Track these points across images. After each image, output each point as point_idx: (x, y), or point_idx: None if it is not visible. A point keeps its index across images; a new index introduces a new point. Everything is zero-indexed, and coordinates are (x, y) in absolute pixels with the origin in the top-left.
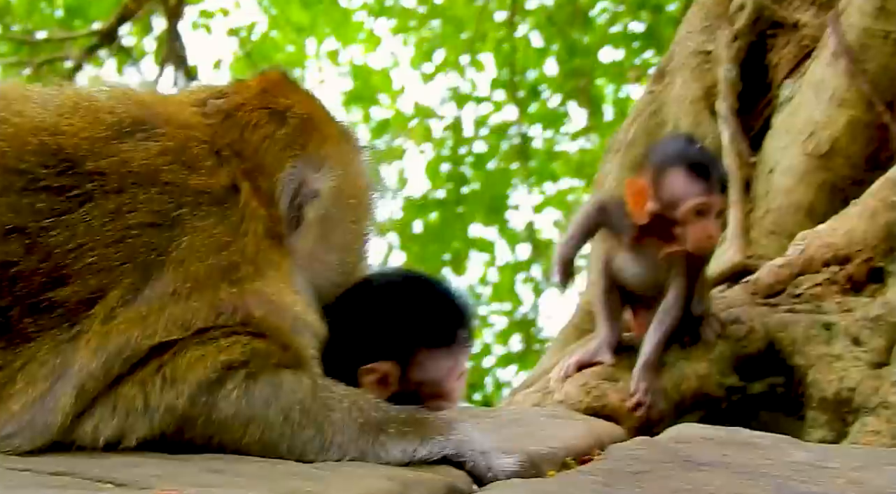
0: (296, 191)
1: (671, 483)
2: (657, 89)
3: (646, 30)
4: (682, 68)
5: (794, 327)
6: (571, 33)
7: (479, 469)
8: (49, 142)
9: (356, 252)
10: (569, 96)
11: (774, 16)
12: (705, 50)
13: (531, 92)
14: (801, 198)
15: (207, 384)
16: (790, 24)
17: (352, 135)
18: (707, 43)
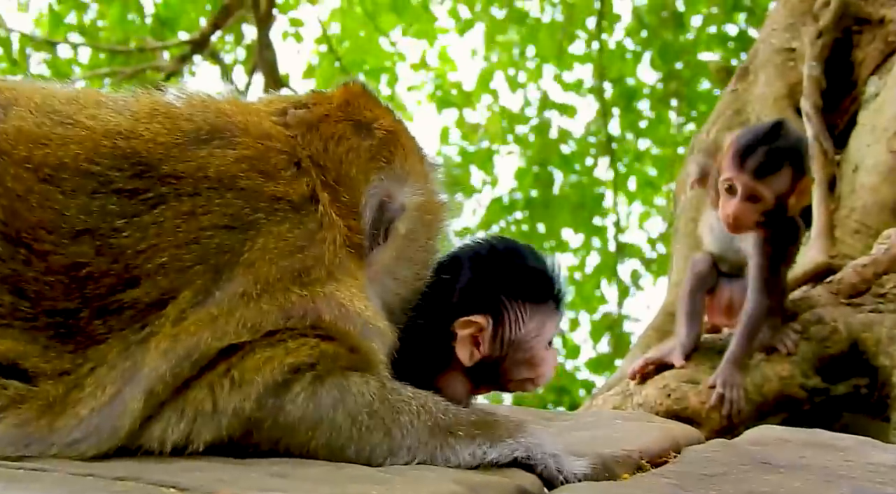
0: (381, 205)
1: (746, 485)
2: (741, 88)
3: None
4: (765, 66)
5: (879, 327)
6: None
7: (549, 473)
8: (123, 146)
9: (427, 268)
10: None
11: (860, 12)
12: (790, 47)
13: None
14: (887, 197)
15: (274, 386)
16: (876, 20)
17: (427, 153)
18: (791, 40)
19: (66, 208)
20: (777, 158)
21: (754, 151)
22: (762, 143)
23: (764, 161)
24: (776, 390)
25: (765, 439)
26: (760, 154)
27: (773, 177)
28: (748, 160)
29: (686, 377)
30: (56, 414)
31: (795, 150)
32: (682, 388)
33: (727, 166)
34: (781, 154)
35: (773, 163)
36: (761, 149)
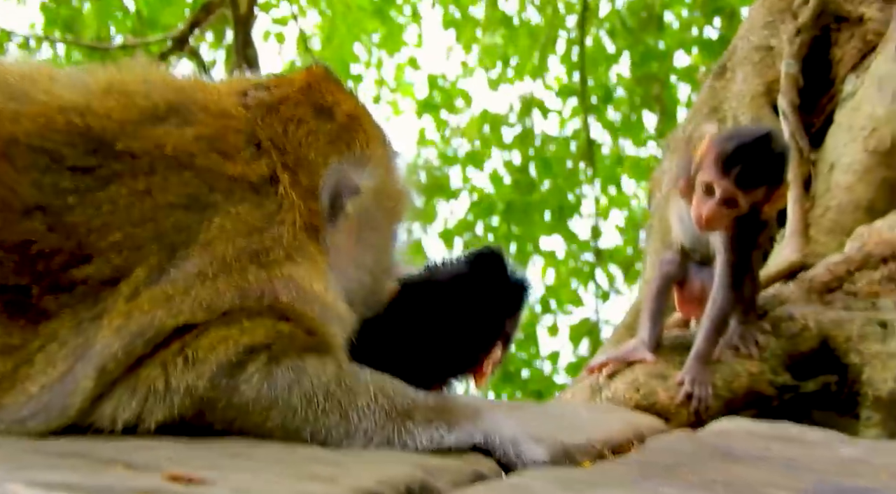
0: (337, 186)
1: (707, 475)
2: (718, 85)
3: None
4: (743, 63)
5: (849, 325)
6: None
7: (507, 457)
8: (77, 122)
9: (388, 256)
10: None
11: (838, 10)
12: (768, 45)
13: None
14: (862, 196)
15: (229, 366)
16: (854, 19)
17: (389, 139)
18: (770, 38)
19: (18, 184)
20: (761, 172)
21: (740, 161)
22: (750, 154)
23: (748, 173)
24: (745, 386)
25: (729, 431)
26: (746, 165)
27: (754, 189)
28: (732, 168)
29: (655, 372)
30: (4, 390)
31: (780, 165)
32: (651, 383)
33: (708, 168)
34: (766, 169)
35: (756, 176)
36: (748, 161)
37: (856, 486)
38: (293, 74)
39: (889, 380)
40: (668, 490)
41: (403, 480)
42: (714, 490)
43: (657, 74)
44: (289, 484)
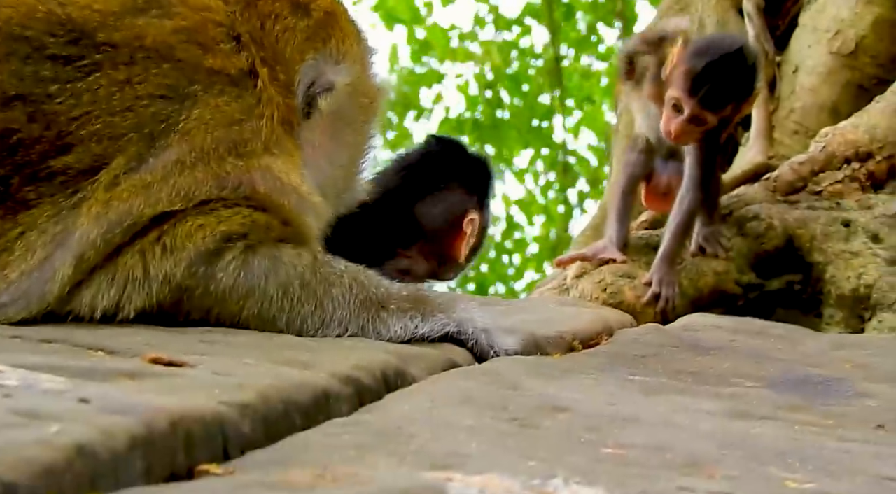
0: (312, 82)
1: (675, 364)
2: None
3: None
4: None
5: (813, 224)
6: None
7: (481, 347)
8: (58, 12)
9: (362, 155)
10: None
11: None
12: None
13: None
14: (826, 98)
15: (206, 254)
16: None
17: (366, 37)
18: None
19: None
20: (730, 92)
21: (708, 81)
22: (718, 74)
23: (717, 93)
24: (711, 285)
25: (697, 325)
26: (715, 85)
27: (723, 108)
28: (701, 88)
29: (622, 271)
30: None
31: (749, 81)
32: (618, 283)
33: (677, 84)
34: (735, 87)
35: (725, 95)
36: (716, 81)
37: (820, 374)
38: None
39: (852, 278)
40: (637, 377)
41: (379, 366)
42: (682, 380)
43: None
44: (267, 369)
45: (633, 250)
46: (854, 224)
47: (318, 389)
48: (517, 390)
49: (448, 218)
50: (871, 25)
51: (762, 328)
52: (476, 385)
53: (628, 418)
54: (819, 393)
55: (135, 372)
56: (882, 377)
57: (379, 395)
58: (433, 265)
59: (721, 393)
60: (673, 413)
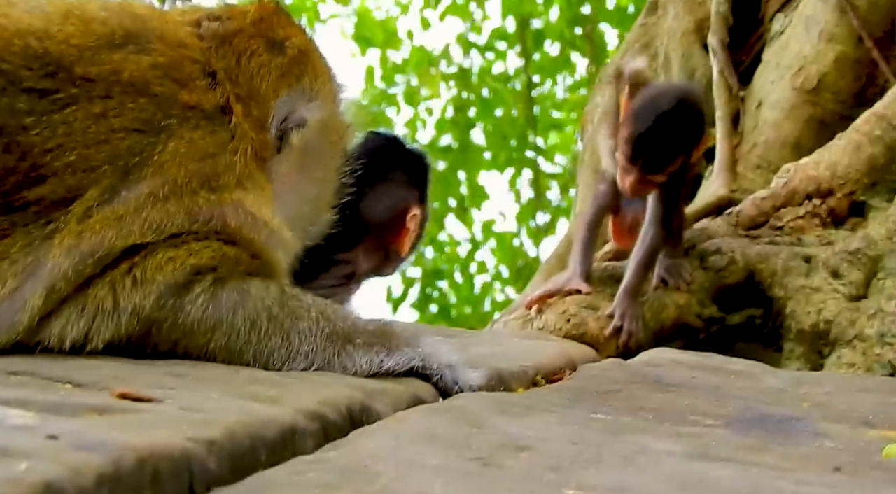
0: (285, 119)
1: (638, 401)
2: (650, 21)
3: None
4: (674, 1)
5: (775, 259)
6: None
7: (445, 382)
8: (35, 46)
9: (330, 190)
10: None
11: None
12: None
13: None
14: (789, 133)
15: (175, 286)
16: None
17: (336, 73)
18: None
19: None
20: (673, 151)
21: (646, 149)
22: (656, 139)
23: (657, 158)
24: (673, 318)
25: (658, 360)
26: (653, 152)
27: (668, 166)
28: (640, 156)
29: (585, 303)
30: None
31: (696, 130)
32: (582, 314)
33: (621, 148)
34: (678, 145)
35: (667, 157)
36: (655, 147)
37: (779, 413)
38: (245, 6)
39: (812, 314)
40: (600, 415)
41: (344, 401)
42: (644, 418)
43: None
44: (234, 404)
45: (597, 281)
46: (815, 260)
47: (285, 425)
48: (481, 428)
49: (392, 213)
50: (833, 62)
51: (722, 363)
52: (441, 422)
53: (590, 458)
54: (778, 432)
55: (103, 407)
56: (840, 417)
57: (344, 431)
58: (376, 261)
59: (681, 433)
60: (635, 453)
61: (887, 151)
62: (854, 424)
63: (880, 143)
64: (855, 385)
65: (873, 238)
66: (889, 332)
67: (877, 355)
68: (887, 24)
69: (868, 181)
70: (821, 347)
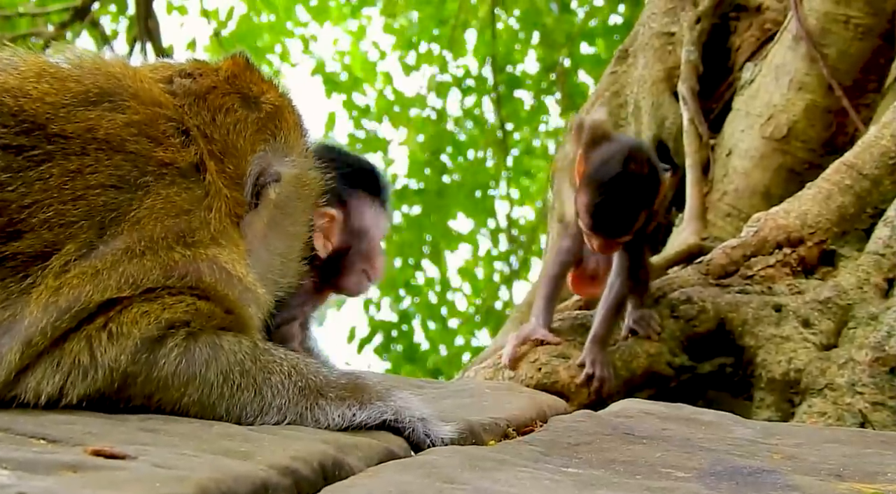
0: (261, 174)
1: (609, 454)
2: (620, 70)
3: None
4: (645, 49)
5: (745, 308)
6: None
7: (417, 436)
8: (10, 104)
9: (300, 243)
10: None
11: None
12: (669, 31)
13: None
14: (759, 181)
15: (150, 341)
16: (753, 8)
17: (305, 126)
18: (670, 24)
19: None
20: (629, 216)
21: (605, 217)
22: (612, 207)
23: (617, 223)
24: (644, 366)
25: (629, 411)
26: (612, 219)
27: (632, 227)
28: (601, 226)
29: (556, 352)
30: None
31: (651, 187)
32: (553, 363)
33: (583, 217)
34: (636, 204)
35: (628, 219)
36: (612, 214)
37: (750, 466)
38: (216, 63)
39: (782, 363)
40: (571, 469)
41: (317, 457)
42: (615, 470)
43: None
44: (207, 460)
45: (567, 331)
46: (785, 308)
47: (258, 481)
48: (453, 483)
49: None
50: (803, 111)
51: (692, 414)
52: (413, 478)
53: None
54: (748, 485)
55: (77, 464)
56: (809, 469)
57: (316, 486)
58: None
59: (652, 487)
60: None
61: (857, 201)
62: (824, 476)
63: (850, 193)
64: (825, 436)
65: (843, 287)
66: (859, 381)
67: (847, 404)
68: (857, 73)
69: (838, 230)
70: (791, 396)
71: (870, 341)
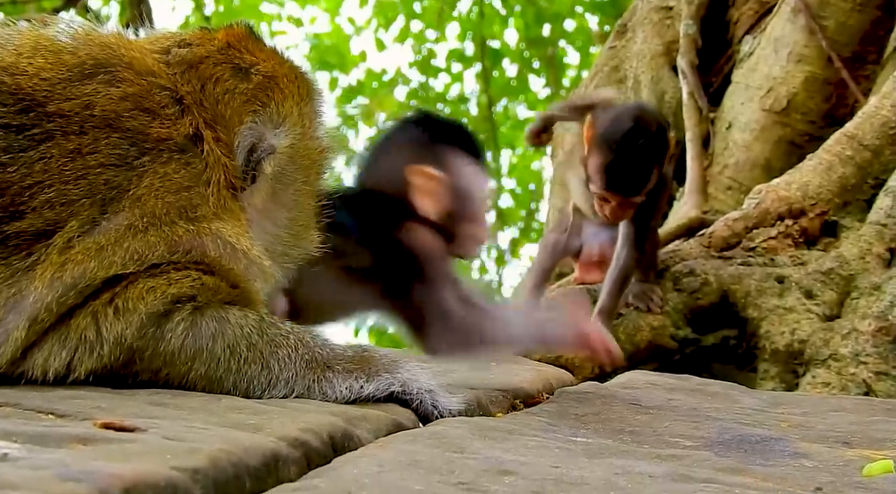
0: (253, 146)
1: (616, 424)
2: (619, 44)
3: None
4: (643, 24)
5: (748, 280)
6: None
7: (425, 408)
8: (8, 82)
9: (305, 212)
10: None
11: None
12: (667, 6)
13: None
14: (759, 154)
15: (156, 315)
16: None
17: (316, 96)
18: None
19: None
20: (644, 172)
21: (620, 174)
22: (627, 162)
23: (633, 179)
24: (647, 339)
25: (635, 383)
26: (627, 177)
27: (646, 184)
28: (616, 184)
29: None
30: None
31: (659, 144)
32: None
33: (595, 179)
34: (649, 160)
35: (643, 175)
36: (627, 173)
37: (757, 434)
38: (216, 31)
39: (786, 334)
40: (580, 438)
41: (326, 428)
42: (623, 440)
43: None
44: (217, 432)
45: None
46: (788, 280)
47: (268, 452)
48: (463, 453)
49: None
50: (803, 83)
51: (699, 385)
52: (422, 448)
53: (573, 482)
54: (757, 453)
55: (87, 437)
56: (817, 437)
57: (327, 458)
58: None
59: (661, 455)
60: (616, 476)
61: (858, 171)
62: (832, 444)
63: (851, 163)
64: (831, 405)
65: (846, 258)
66: (863, 352)
67: (851, 374)
68: (856, 45)
69: (840, 201)
70: (795, 367)
71: (873, 311)
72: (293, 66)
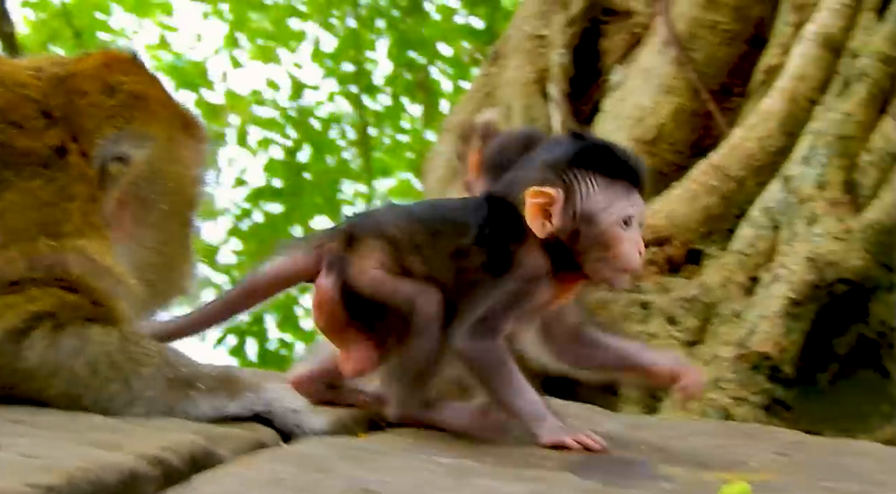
0: (107, 155)
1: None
2: (492, 71)
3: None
4: (516, 51)
5: (613, 305)
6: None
7: (288, 427)
8: None
9: (175, 242)
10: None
11: (608, 3)
12: (540, 34)
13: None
14: None
15: (14, 332)
16: (623, 12)
17: (195, 128)
18: (542, 27)
19: None
20: None
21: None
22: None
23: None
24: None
25: None
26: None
27: None
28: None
29: None
30: None
31: None
32: None
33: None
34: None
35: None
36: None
37: (620, 458)
38: (94, 54)
39: None
40: (443, 459)
41: (187, 447)
42: (487, 462)
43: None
44: (74, 450)
45: None
46: (652, 306)
47: (126, 470)
48: (327, 473)
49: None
50: (671, 114)
51: (560, 407)
52: (286, 467)
53: None
54: (618, 475)
55: None
56: (677, 459)
57: (187, 476)
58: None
59: (524, 476)
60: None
61: (722, 201)
62: (691, 466)
63: (715, 193)
64: (690, 428)
65: (708, 285)
66: (723, 378)
67: (711, 400)
68: (723, 77)
69: (704, 230)
70: (656, 392)
71: (733, 338)
72: (170, 95)
